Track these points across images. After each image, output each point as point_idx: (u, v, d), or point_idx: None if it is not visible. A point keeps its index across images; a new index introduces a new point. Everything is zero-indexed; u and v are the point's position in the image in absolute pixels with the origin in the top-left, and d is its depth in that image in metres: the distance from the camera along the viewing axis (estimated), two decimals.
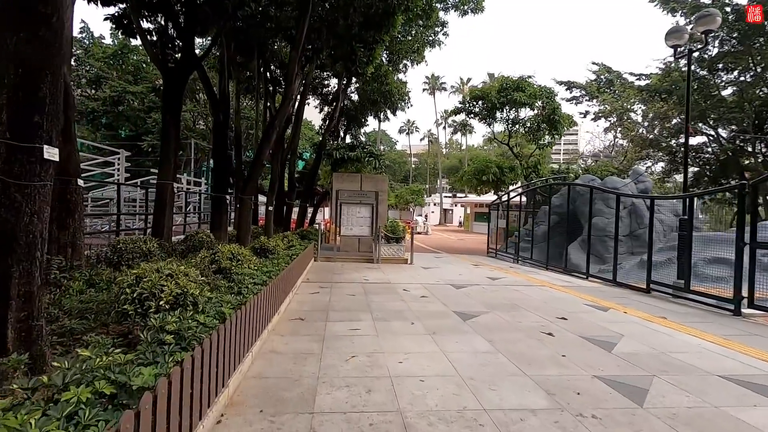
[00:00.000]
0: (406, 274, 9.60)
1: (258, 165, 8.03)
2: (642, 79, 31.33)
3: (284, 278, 5.86)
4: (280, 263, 7.10)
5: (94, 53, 30.66)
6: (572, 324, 5.34)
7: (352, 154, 15.89)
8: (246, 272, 5.51)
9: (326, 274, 9.29)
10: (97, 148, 27.79)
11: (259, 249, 9.31)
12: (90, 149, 30.08)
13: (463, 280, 8.92)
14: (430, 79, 59.20)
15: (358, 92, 21.65)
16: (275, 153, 11.01)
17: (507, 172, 18.51)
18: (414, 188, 41.82)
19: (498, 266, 12.46)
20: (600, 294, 7.80)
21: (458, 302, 6.53)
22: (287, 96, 8.24)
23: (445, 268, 11.11)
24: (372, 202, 12.02)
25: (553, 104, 17.24)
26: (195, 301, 3.45)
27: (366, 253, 12.84)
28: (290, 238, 12.26)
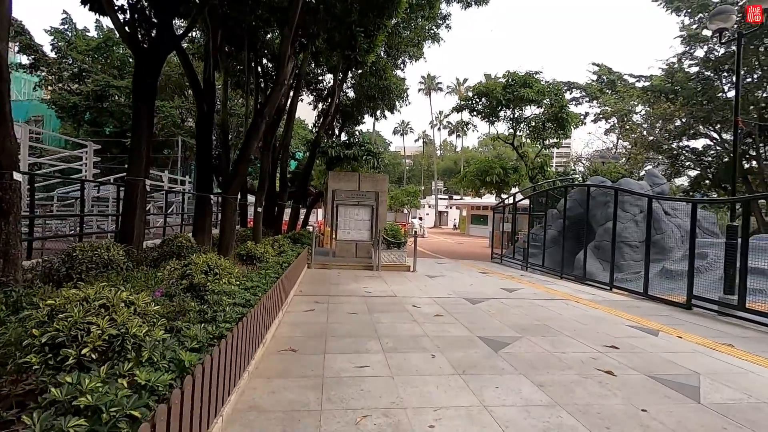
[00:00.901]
0: (412, 285, 8.55)
1: (245, 160, 6.96)
2: (642, 81, 30.77)
3: (273, 295, 4.79)
4: (269, 275, 6.02)
5: (77, 46, 29.24)
6: (628, 355, 4.34)
7: (349, 152, 14.87)
8: (225, 290, 4.43)
9: (322, 284, 8.21)
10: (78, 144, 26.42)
11: (245, 256, 8.21)
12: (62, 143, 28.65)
13: (477, 293, 7.90)
14: (426, 79, 58.34)
15: (355, 88, 20.62)
16: (265, 149, 9.92)
17: (511, 173, 17.59)
18: (410, 189, 40.83)
19: (508, 274, 11.47)
20: (636, 311, 6.83)
21: (480, 323, 5.50)
22: (278, 81, 7.19)
23: (453, 277, 10.08)
24: (371, 204, 10.97)
25: (561, 102, 16.35)
26: (139, 345, 2.38)
27: (364, 259, 11.78)
28: (281, 242, 11.18)
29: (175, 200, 14.80)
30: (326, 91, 20.78)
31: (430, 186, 66.49)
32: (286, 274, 6.17)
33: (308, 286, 7.91)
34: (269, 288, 4.86)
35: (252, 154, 7.04)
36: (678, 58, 27.04)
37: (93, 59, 30.80)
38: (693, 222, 7.42)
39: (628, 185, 13.68)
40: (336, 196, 10.82)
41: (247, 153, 6.96)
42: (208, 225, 10.32)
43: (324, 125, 15.99)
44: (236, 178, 7.00)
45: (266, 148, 9.95)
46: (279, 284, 5.31)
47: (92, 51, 29.62)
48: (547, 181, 16.74)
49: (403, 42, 19.13)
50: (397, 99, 21.80)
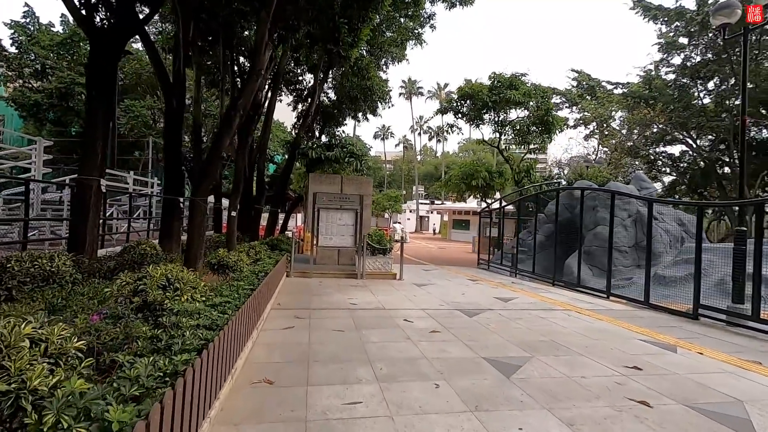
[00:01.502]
0: (400, 295, 7.91)
1: (215, 159, 6.21)
2: (619, 87, 31.22)
3: (247, 313, 4.07)
4: (242, 287, 5.29)
5: (39, 41, 27.61)
6: (655, 379, 3.81)
7: (330, 154, 14.18)
8: (187, 308, 3.69)
9: (302, 295, 7.49)
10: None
11: (216, 265, 7.41)
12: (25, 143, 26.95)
13: (471, 303, 7.33)
14: (407, 84, 58.16)
15: (336, 89, 19.97)
16: (240, 148, 9.15)
17: (496, 176, 17.23)
18: (392, 194, 40.27)
19: (498, 281, 10.98)
20: (641, 322, 6.37)
21: (482, 340, 4.90)
22: (255, 70, 6.47)
23: (442, 286, 9.50)
24: (355, 208, 10.31)
25: (547, 104, 16.12)
26: (41, 405, 1.66)
27: (347, 267, 11.08)
28: (258, 249, 10.39)
29: (143, 204, 13.76)
30: (306, 91, 20.07)
31: (410, 191, 66.22)
32: (262, 285, 5.45)
33: (287, 298, 7.17)
34: (242, 304, 4.15)
35: (224, 152, 6.30)
36: (655, 65, 27.49)
37: (58, 56, 29.17)
38: (699, 226, 7.06)
39: (617, 189, 13.44)
40: (317, 199, 10.12)
41: (218, 151, 6.22)
42: (176, 231, 9.46)
43: (304, 126, 15.26)
44: (206, 178, 6.24)
45: (242, 148, 9.18)
46: (254, 298, 4.60)
47: (56, 47, 27.99)
48: (534, 185, 16.44)
49: (386, 42, 18.64)
50: (380, 101, 21.26)
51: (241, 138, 9.24)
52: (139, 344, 2.91)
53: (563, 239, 13.34)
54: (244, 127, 9.20)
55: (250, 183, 13.51)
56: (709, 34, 22.92)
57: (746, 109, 6.88)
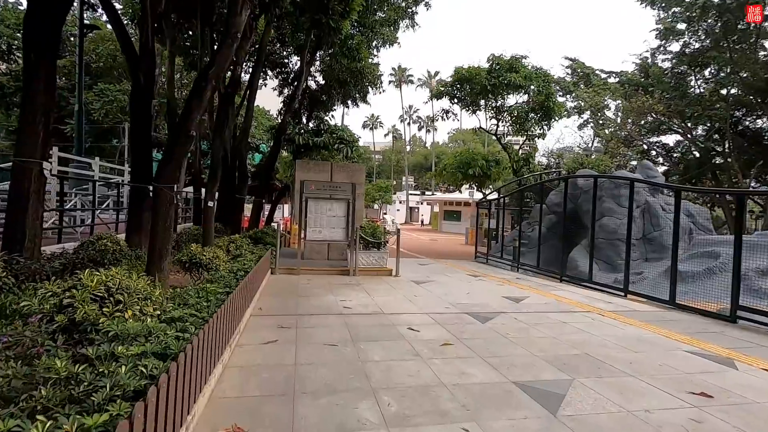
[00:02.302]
0: (399, 295, 7.05)
1: (183, 137, 5.21)
2: (613, 77, 30.63)
3: (215, 329, 3.15)
4: (215, 292, 4.38)
5: (4, 19, 25.75)
6: (733, 411, 3.02)
7: (319, 140, 13.20)
8: (132, 329, 2.76)
9: (288, 297, 6.56)
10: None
11: (187, 263, 6.45)
12: None
13: (479, 305, 6.50)
14: (397, 71, 56.89)
15: (325, 72, 18.82)
16: (218, 130, 8.12)
17: (493, 165, 16.43)
18: (381, 184, 39.29)
19: (501, 277, 10.19)
20: (676, 326, 5.62)
21: (505, 356, 4.07)
22: (229, 33, 5.46)
23: (443, 283, 8.67)
24: (347, 197, 9.37)
25: (548, 89, 15.30)
26: None
27: (338, 262, 10.17)
28: (239, 242, 9.41)
29: (112, 194, 12.60)
30: (293, 75, 18.90)
31: (400, 182, 65.33)
32: (240, 288, 4.53)
33: (271, 301, 6.24)
34: (211, 315, 3.23)
35: (193, 129, 5.29)
36: (652, 52, 26.91)
37: None
38: (740, 216, 6.30)
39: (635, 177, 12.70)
40: (304, 188, 9.14)
41: (185, 128, 5.22)
42: (146, 224, 8.42)
43: (290, 110, 14.18)
44: (171, 161, 5.25)
45: (219, 131, 8.14)
46: (228, 307, 3.68)
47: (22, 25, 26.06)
48: (533, 174, 15.69)
49: (378, 22, 17.57)
50: (371, 85, 20.20)
51: (219, 119, 8.19)
52: (43, 393, 1.98)
53: (566, 231, 12.64)
54: (222, 107, 8.16)
55: (231, 171, 12.45)
56: (708, 19, 22.35)
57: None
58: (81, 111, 13.51)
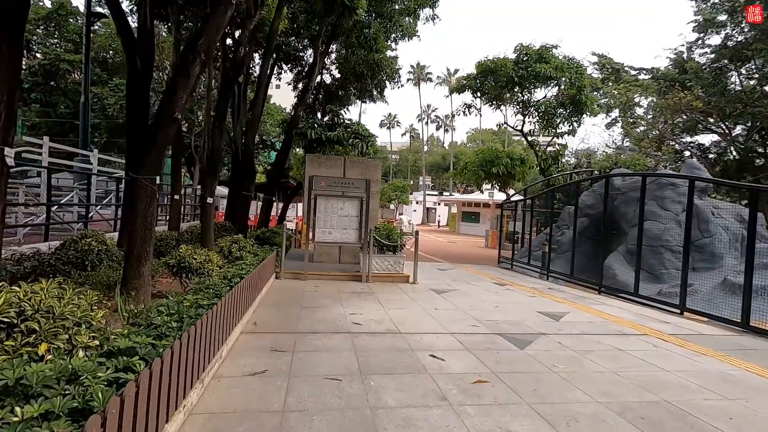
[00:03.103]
0: (418, 308, 6.11)
1: (165, 119, 4.40)
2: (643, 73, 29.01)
3: (178, 363, 2.28)
4: (190, 309, 3.54)
5: None
6: None
7: (332, 134, 12.36)
8: (39, 375, 1.91)
9: (290, 308, 5.70)
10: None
11: (175, 268, 5.66)
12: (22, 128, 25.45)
13: (512, 322, 5.52)
14: (415, 69, 55.83)
15: (340, 65, 18.01)
16: (218, 120, 7.33)
17: (518, 164, 15.33)
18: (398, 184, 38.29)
19: (531, 286, 9.15)
20: (762, 357, 4.54)
21: (560, 401, 3.10)
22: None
23: (466, 292, 7.70)
24: (360, 195, 8.48)
25: (581, 81, 14.11)
26: None
27: (349, 266, 9.30)
28: (243, 244, 8.61)
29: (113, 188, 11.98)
30: (307, 68, 18.15)
31: (416, 182, 64.25)
32: (228, 301, 3.69)
33: (269, 313, 5.38)
34: (173, 341, 2.38)
35: (178, 110, 4.47)
36: (688, 46, 25.27)
37: (46, 32, 27.30)
38: None
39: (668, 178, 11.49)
40: (314, 184, 8.29)
41: (169, 110, 4.41)
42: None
43: (303, 103, 13.40)
44: (152, 149, 4.44)
45: (219, 120, 7.36)
46: (198, 331, 2.82)
47: (42, 21, 26.05)
48: (563, 173, 14.52)
49: (396, 11, 16.66)
50: (388, 79, 19.32)
51: (220, 107, 7.40)
52: None
53: (599, 236, 11.51)
54: (224, 93, 7.36)
55: (238, 165, 11.70)
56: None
57: None
58: (87, 103, 12.99)
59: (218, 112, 7.25)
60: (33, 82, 24.76)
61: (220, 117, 7.25)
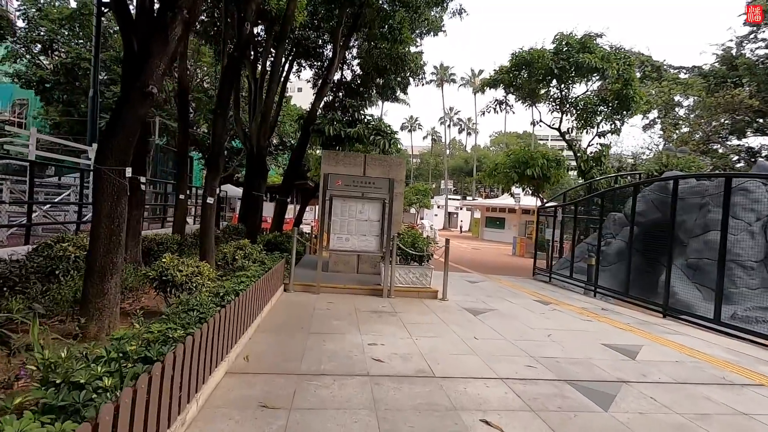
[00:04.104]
0: (452, 337, 4.93)
1: (135, 94, 3.41)
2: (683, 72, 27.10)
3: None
4: (153, 348, 2.47)
5: (48, 14, 25.78)
6: None
7: (352, 131, 11.33)
8: None
9: (294, 335, 4.61)
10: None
11: (156, 281, 4.65)
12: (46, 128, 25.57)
13: (578, 361, 4.29)
14: (438, 70, 54.54)
15: (362, 59, 16.98)
16: (220, 108, 6.36)
17: (554, 166, 13.97)
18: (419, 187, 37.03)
19: (580, 306, 7.83)
20: None
21: None
22: None
23: (507, 313, 6.47)
24: (383, 197, 7.37)
25: (629, 73, 12.66)
26: None
27: (369, 277, 8.20)
28: (249, 250, 7.63)
29: None
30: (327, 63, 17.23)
31: (438, 185, 62.81)
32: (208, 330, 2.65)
33: (268, 340, 4.31)
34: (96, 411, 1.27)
35: (154, 84, 3.47)
36: (738, 41, 23.33)
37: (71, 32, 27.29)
38: None
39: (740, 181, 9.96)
40: (330, 183, 7.23)
41: (141, 82, 3.41)
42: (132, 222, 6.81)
43: (321, 96, 12.43)
44: (119, 132, 3.45)
45: (222, 106, 6.38)
46: (158, 387, 1.74)
47: (65, 20, 25.99)
48: (606, 177, 13.08)
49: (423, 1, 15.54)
50: (413, 76, 18.22)
51: (223, 93, 6.43)
52: None
53: (652, 247, 10.12)
54: (227, 77, 6.38)
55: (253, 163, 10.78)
56: None
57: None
58: (96, 96, 12.33)
59: (220, 98, 6.29)
60: (54, 81, 24.69)
61: (223, 104, 6.27)
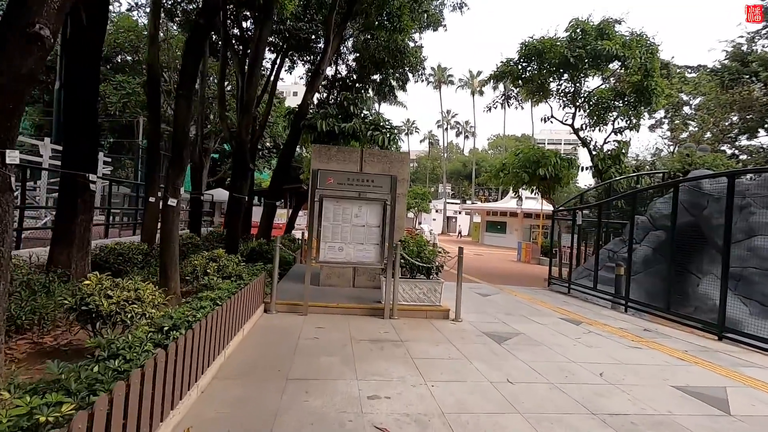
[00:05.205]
0: (478, 379, 3.72)
1: (13, 35, 2.24)
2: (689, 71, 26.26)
3: None
4: None
5: None
6: None
7: (347, 126, 10.17)
8: None
9: (265, 385, 3.38)
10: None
11: (76, 312, 3.40)
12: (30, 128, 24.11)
13: (657, 420, 3.09)
14: (436, 71, 53.48)
15: (358, 53, 15.85)
16: (184, 84, 5.17)
17: (566, 165, 12.87)
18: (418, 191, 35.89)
19: (617, 326, 6.63)
20: None
21: None
22: None
23: (538, 338, 5.26)
24: (383, 197, 6.16)
25: (653, 62, 11.54)
26: None
27: (367, 292, 6.98)
28: (224, 262, 6.44)
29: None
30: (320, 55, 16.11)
31: (436, 189, 61.73)
32: (120, 397, 1.35)
33: (227, 395, 3.08)
34: None
35: (46, 25, 2.28)
36: (750, 37, 22.46)
37: None
38: None
39: None
40: (320, 181, 6.02)
41: (23, 18, 2.23)
42: (83, 231, 5.62)
43: (313, 89, 11.26)
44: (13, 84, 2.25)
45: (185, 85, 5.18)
46: None
47: None
48: (628, 176, 11.96)
49: None
50: (411, 71, 17.16)
51: (186, 67, 5.23)
52: None
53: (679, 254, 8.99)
54: (191, 48, 5.18)
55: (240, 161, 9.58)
56: None
57: None
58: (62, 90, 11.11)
59: (183, 75, 5.08)
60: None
61: (187, 82, 5.07)
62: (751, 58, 20.98)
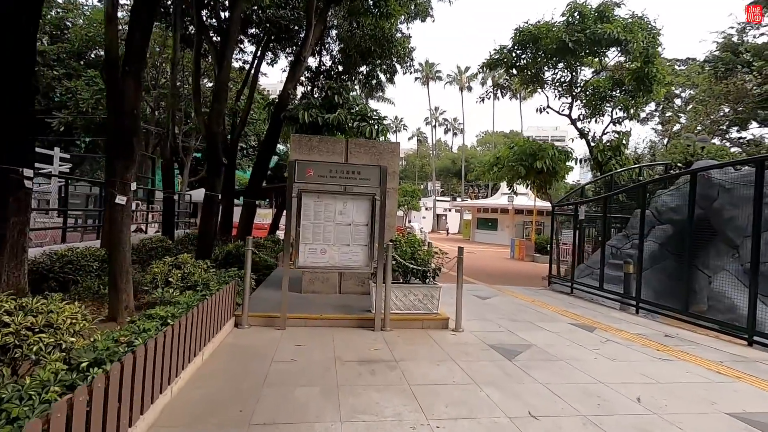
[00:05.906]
0: (495, 414, 2.97)
1: None
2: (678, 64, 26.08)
3: None
4: None
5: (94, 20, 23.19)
6: None
7: (331, 117, 9.37)
8: None
9: (224, 426, 2.58)
10: None
11: None
12: None
13: None
14: (424, 67, 52.78)
15: (343, 42, 15.03)
16: (131, 58, 4.32)
17: (563, 158, 12.26)
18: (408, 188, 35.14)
19: (635, 332, 5.96)
20: None
21: None
22: None
23: (552, 351, 4.55)
24: (371, 191, 5.38)
25: (655, 46, 10.95)
26: None
27: (355, 299, 6.20)
28: (190, 269, 5.61)
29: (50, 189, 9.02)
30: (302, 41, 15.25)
31: (425, 187, 61.11)
32: None
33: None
34: None
35: None
36: (740, 27, 22.23)
37: None
38: None
39: None
40: (298, 173, 5.23)
41: None
42: (17, 235, 4.75)
43: (294, 78, 10.43)
44: None
45: (132, 61, 4.36)
46: None
47: None
48: (629, 168, 11.38)
49: None
50: (399, 62, 16.41)
51: (131, 40, 4.38)
52: None
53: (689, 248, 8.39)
54: (137, 18, 4.34)
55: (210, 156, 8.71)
56: None
57: None
58: None
59: (129, 48, 4.25)
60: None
61: (133, 57, 4.22)
62: (743, 48, 20.72)
